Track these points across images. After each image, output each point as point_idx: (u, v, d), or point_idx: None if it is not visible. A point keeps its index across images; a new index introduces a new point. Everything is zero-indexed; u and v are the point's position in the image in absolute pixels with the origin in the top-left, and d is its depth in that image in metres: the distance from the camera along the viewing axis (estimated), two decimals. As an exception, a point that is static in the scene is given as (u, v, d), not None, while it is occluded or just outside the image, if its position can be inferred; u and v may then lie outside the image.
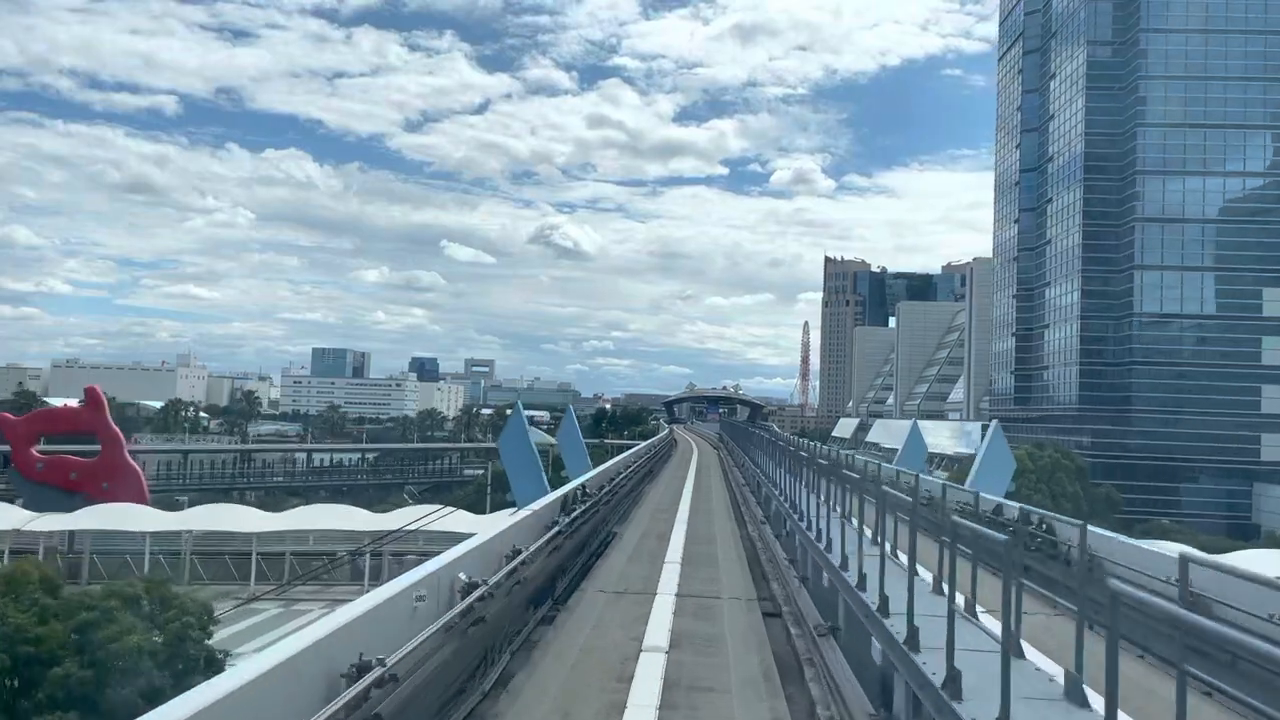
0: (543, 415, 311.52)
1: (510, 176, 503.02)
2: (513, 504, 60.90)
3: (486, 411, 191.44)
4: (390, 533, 53.86)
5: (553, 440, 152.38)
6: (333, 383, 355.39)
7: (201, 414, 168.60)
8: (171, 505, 73.17)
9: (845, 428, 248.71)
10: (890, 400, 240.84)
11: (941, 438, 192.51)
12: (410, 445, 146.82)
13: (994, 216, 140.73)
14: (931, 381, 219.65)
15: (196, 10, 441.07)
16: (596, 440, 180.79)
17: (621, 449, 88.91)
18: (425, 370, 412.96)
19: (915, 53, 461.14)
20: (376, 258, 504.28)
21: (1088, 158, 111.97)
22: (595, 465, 47.15)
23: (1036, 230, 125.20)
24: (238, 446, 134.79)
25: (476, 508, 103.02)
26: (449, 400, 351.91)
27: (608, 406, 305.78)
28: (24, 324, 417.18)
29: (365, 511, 63.80)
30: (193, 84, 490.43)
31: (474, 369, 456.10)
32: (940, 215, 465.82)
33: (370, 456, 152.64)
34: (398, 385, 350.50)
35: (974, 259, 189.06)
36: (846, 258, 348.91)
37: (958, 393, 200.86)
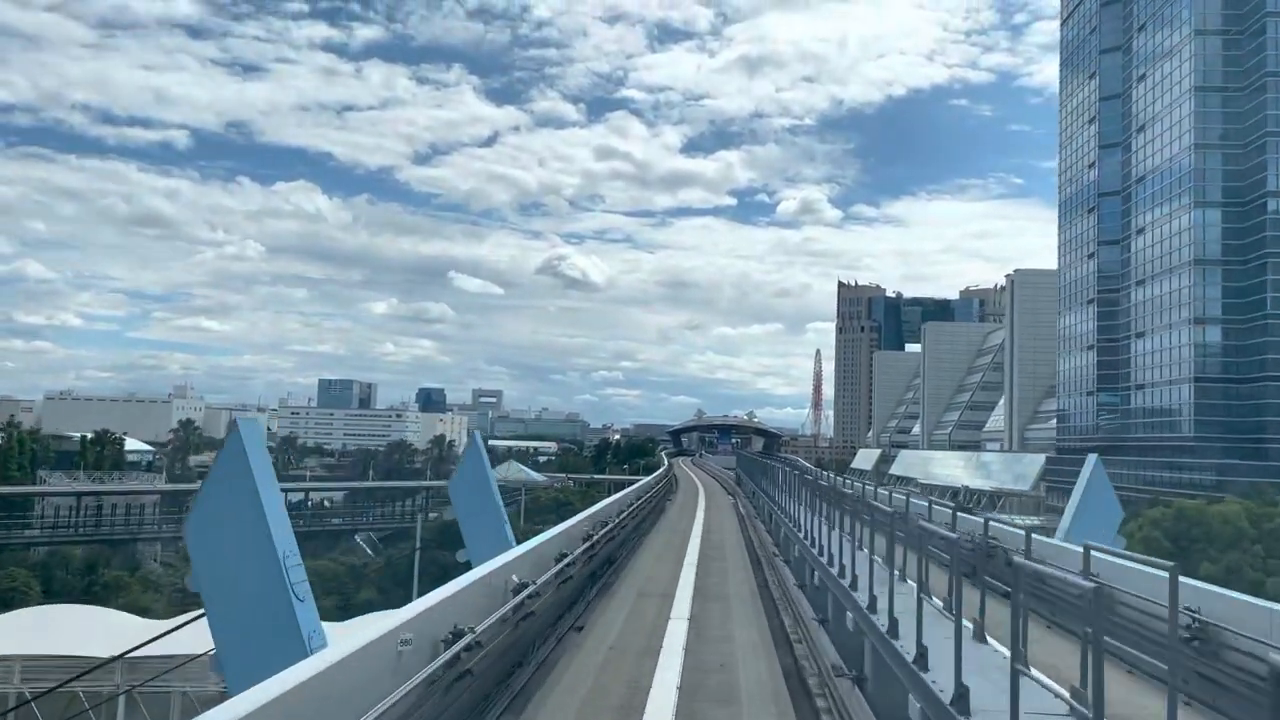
0: (549, 447, 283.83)
1: (518, 208, 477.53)
2: (459, 566, 35.00)
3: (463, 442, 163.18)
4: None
5: (539, 478, 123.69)
6: (332, 414, 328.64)
7: (143, 446, 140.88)
8: None
9: (865, 459, 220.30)
10: (916, 429, 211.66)
11: (955, 468, 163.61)
12: (356, 484, 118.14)
13: (1059, 211, 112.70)
14: (963, 409, 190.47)
15: (207, 46, 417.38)
16: (588, 477, 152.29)
17: (622, 485, 62.73)
18: (432, 401, 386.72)
19: (921, 83, 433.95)
20: (385, 289, 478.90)
21: (1200, 120, 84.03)
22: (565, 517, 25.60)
23: (1122, 219, 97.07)
24: (148, 487, 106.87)
25: (408, 581, 74.90)
26: (451, 431, 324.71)
27: (616, 437, 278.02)
28: (36, 357, 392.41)
29: (131, 617, 35.96)
30: (204, 118, 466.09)
31: (481, 400, 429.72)
32: (949, 244, 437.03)
33: (323, 496, 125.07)
34: (398, 416, 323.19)
35: (1014, 271, 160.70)
36: (861, 283, 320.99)
37: (996, 420, 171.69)
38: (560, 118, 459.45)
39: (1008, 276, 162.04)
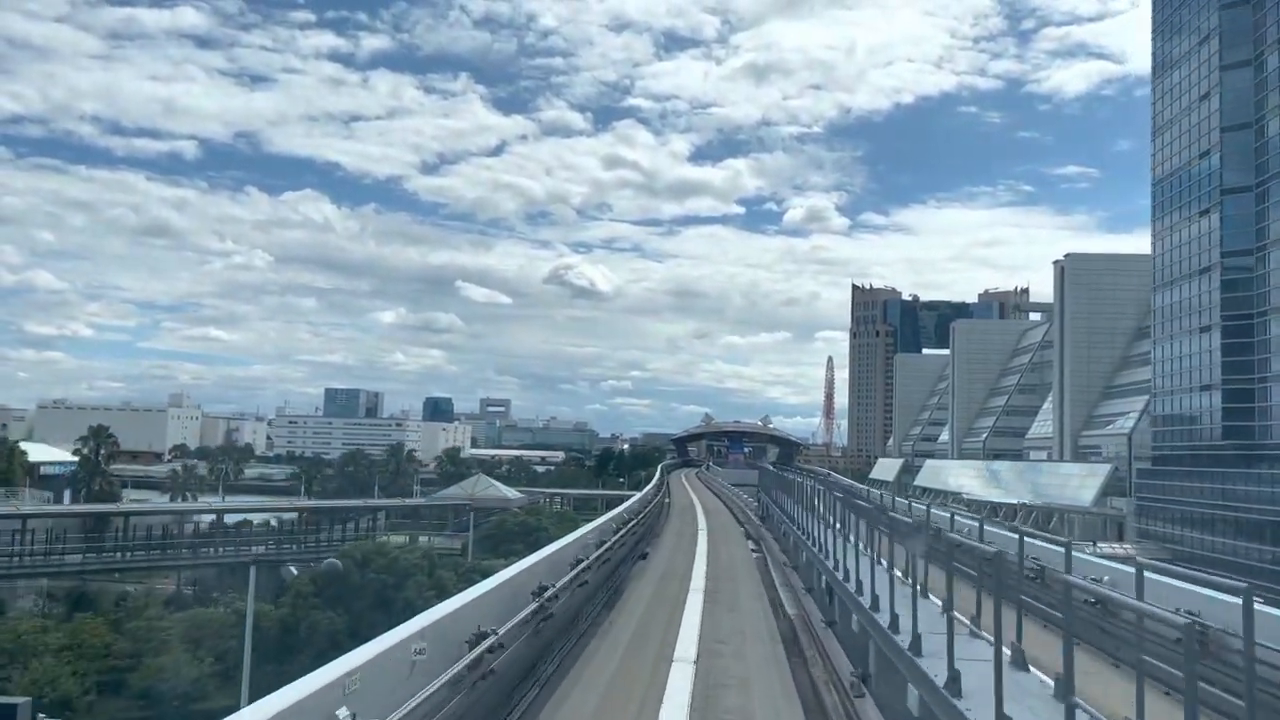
0: (556, 456, 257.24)
1: (526, 217, 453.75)
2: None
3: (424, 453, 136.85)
4: None
5: (512, 495, 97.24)
6: (330, 422, 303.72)
7: (65, 457, 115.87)
8: None
9: (886, 469, 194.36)
10: (943, 437, 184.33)
11: (994, 480, 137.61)
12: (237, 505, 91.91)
13: (1151, 165, 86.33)
14: (999, 414, 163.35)
15: (215, 56, 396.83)
16: (576, 492, 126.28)
17: (621, 501, 40.23)
18: (440, 410, 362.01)
19: (929, 90, 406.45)
20: (394, 299, 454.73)
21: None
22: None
23: (1256, 159, 70.87)
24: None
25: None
26: (454, 441, 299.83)
27: (625, 447, 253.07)
28: (47, 368, 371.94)
29: None
30: (212, 129, 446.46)
31: (489, 409, 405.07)
32: (958, 252, 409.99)
33: (272, 515, 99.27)
34: (398, 425, 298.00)
35: (1066, 255, 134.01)
36: (876, 285, 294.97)
37: (1042, 425, 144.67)
38: (567, 126, 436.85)
39: (1056, 262, 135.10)
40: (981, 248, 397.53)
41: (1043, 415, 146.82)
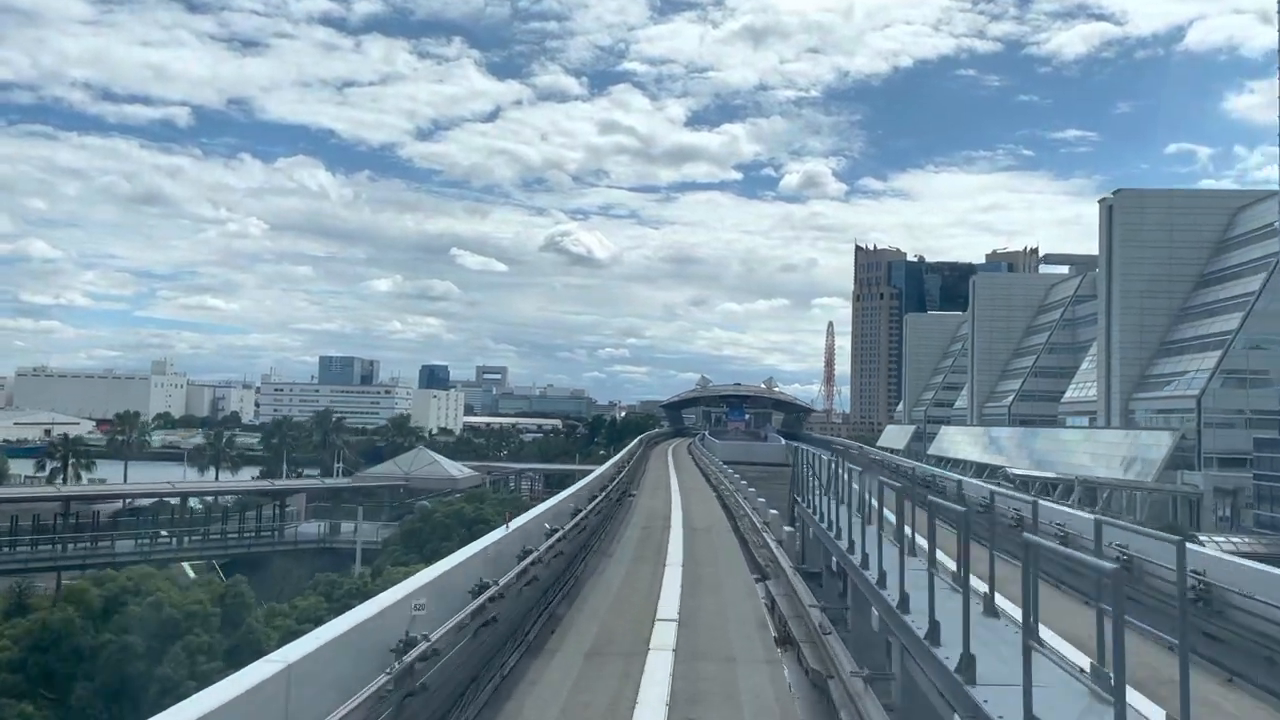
0: (553, 424, 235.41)
1: (521, 184, 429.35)
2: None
3: (364, 423, 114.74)
4: None
5: (459, 473, 74.31)
6: (318, 389, 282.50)
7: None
8: None
9: (895, 436, 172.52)
10: (960, 402, 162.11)
11: (1026, 450, 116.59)
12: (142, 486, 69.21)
13: None
14: (1026, 375, 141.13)
15: (205, 20, 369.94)
16: (540, 467, 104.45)
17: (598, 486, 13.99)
18: (436, 378, 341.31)
19: (928, 54, 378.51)
20: (390, 267, 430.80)
21: None
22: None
23: None
24: None
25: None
26: (447, 409, 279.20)
27: (621, 414, 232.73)
28: (45, 337, 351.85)
29: None
30: (205, 95, 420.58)
31: (485, 376, 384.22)
32: (956, 218, 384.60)
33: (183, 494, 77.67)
34: (387, 392, 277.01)
35: (1115, 192, 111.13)
36: (880, 246, 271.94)
37: (1082, 388, 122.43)
38: (562, 91, 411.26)
39: (1102, 201, 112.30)
40: (980, 212, 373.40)
41: (1080, 376, 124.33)
